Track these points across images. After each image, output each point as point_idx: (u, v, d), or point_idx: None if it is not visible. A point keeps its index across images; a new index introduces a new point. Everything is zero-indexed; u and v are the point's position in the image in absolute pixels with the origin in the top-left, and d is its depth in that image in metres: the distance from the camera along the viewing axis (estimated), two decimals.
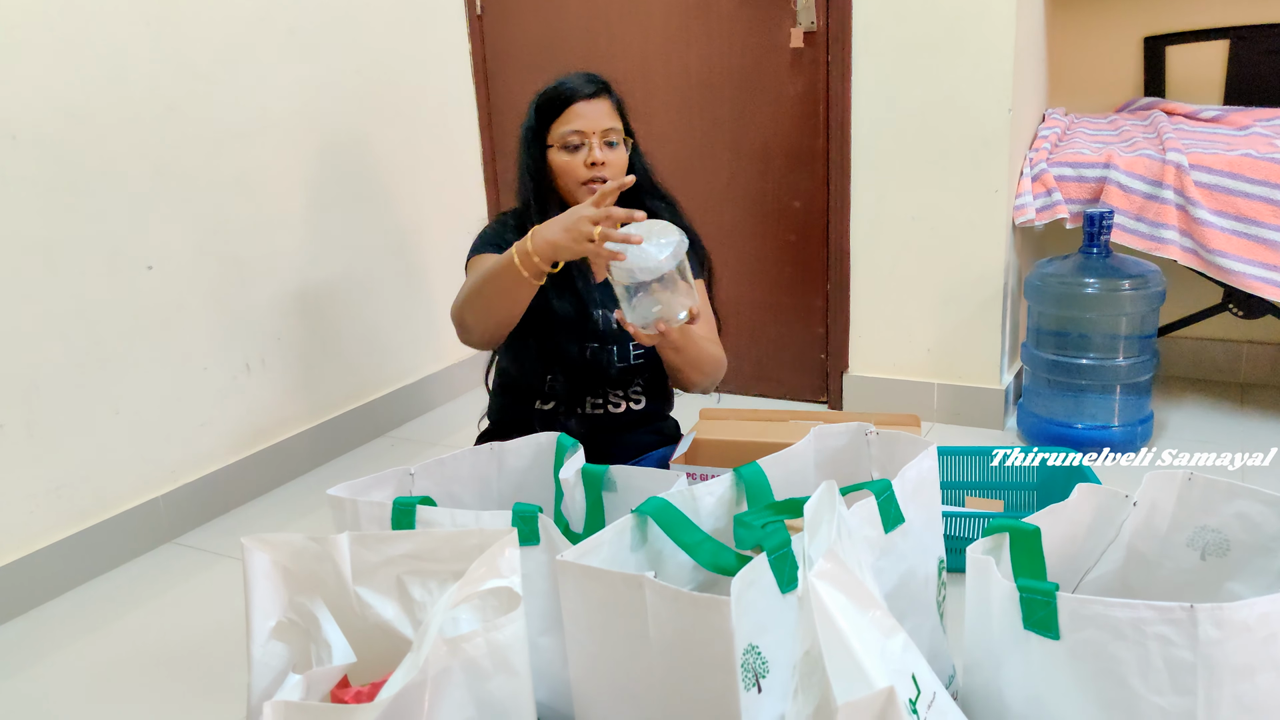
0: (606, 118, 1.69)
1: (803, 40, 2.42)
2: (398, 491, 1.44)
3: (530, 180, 1.73)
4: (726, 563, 1.15)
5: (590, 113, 1.68)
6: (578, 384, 1.75)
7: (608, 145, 1.69)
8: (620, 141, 1.71)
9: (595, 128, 1.68)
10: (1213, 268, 2.13)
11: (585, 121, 1.68)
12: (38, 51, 1.80)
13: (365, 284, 2.55)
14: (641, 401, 1.81)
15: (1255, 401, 2.51)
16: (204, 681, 1.60)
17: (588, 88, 1.69)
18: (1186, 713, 0.97)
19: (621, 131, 1.72)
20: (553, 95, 1.70)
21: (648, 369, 1.78)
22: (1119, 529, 1.26)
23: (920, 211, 2.37)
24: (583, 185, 1.68)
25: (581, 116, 1.68)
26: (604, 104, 1.70)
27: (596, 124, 1.68)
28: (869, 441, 1.45)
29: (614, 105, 1.72)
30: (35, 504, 1.87)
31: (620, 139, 1.71)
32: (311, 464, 2.42)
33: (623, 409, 1.80)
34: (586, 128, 1.67)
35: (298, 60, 2.31)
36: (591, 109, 1.68)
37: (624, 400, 1.80)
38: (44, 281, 1.84)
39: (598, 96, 1.69)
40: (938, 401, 2.47)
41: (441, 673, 0.99)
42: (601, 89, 1.71)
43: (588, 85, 1.69)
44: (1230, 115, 2.39)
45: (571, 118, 1.68)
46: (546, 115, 1.70)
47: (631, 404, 1.80)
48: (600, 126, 1.68)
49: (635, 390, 1.80)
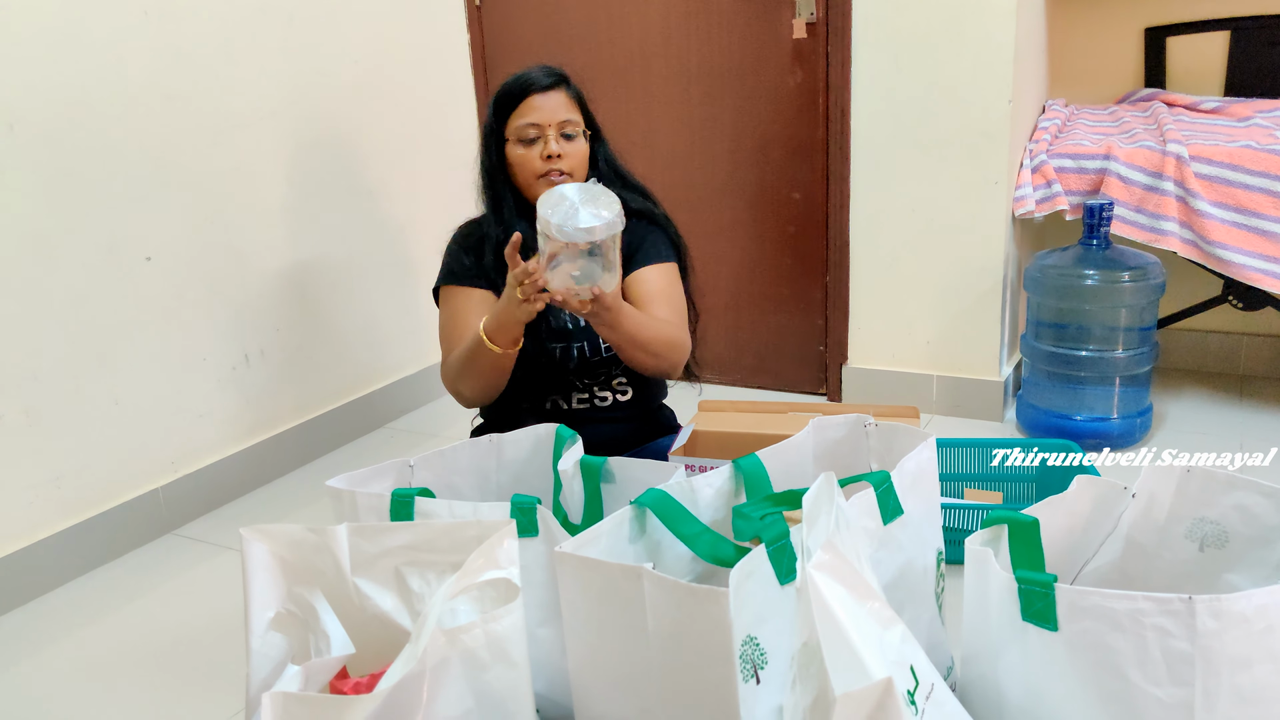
0: (563, 109, 1.68)
1: (804, 31, 2.41)
2: (397, 483, 1.44)
3: (487, 178, 1.74)
4: (725, 554, 1.15)
5: (546, 104, 1.67)
6: (543, 381, 1.75)
7: (564, 137, 1.68)
8: (579, 134, 1.70)
9: (551, 120, 1.67)
10: (1212, 259, 2.13)
11: (541, 114, 1.66)
12: (35, 41, 1.80)
13: (364, 275, 2.55)
14: (628, 393, 1.80)
15: (1255, 393, 2.51)
16: (203, 672, 1.60)
17: (544, 79, 1.68)
18: (1184, 704, 0.97)
19: (581, 124, 1.71)
20: (508, 89, 1.69)
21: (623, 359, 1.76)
22: (1117, 520, 1.26)
23: (920, 203, 2.37)
24: (539, 178, 1.67)
25: (537, 109, 1.66)
26: (560, 95, 1.69)
27: (553, 116, 1.67)
28: (868, 433, 1.45)
29: (572, 97, 1.71)
30: (34, 495, 1.87)
31: (579, 131, 1.70)
32: (310, 455, 2.43)
33: (609, 401, 1.79)
34: (542, 120, 1.66)
35: (296, 51, 2.30)
36: (548, 101, 1.67)
37: (610, 393, 1.79)
38: (42, 272, 1.84)
39: (554, 88, 1.68)
40: (937, 393, 2.47)
41: (440, 664, 0.99)
42: (558, 80, 1.69)
43: (544, 77, 1.68)
44: (1231, 106, 2.38)
45: (527, 110, 1.67)
46: (503, 109, 1.69)
47: (618, 396, 1.80)
48: (556, 119, 1.67)
49: (619, 383, 1.80)
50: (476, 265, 1.74)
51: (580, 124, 1.71)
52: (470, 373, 1.62)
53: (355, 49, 2.46)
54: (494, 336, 1.55)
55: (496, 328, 1.55)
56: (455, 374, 1.66)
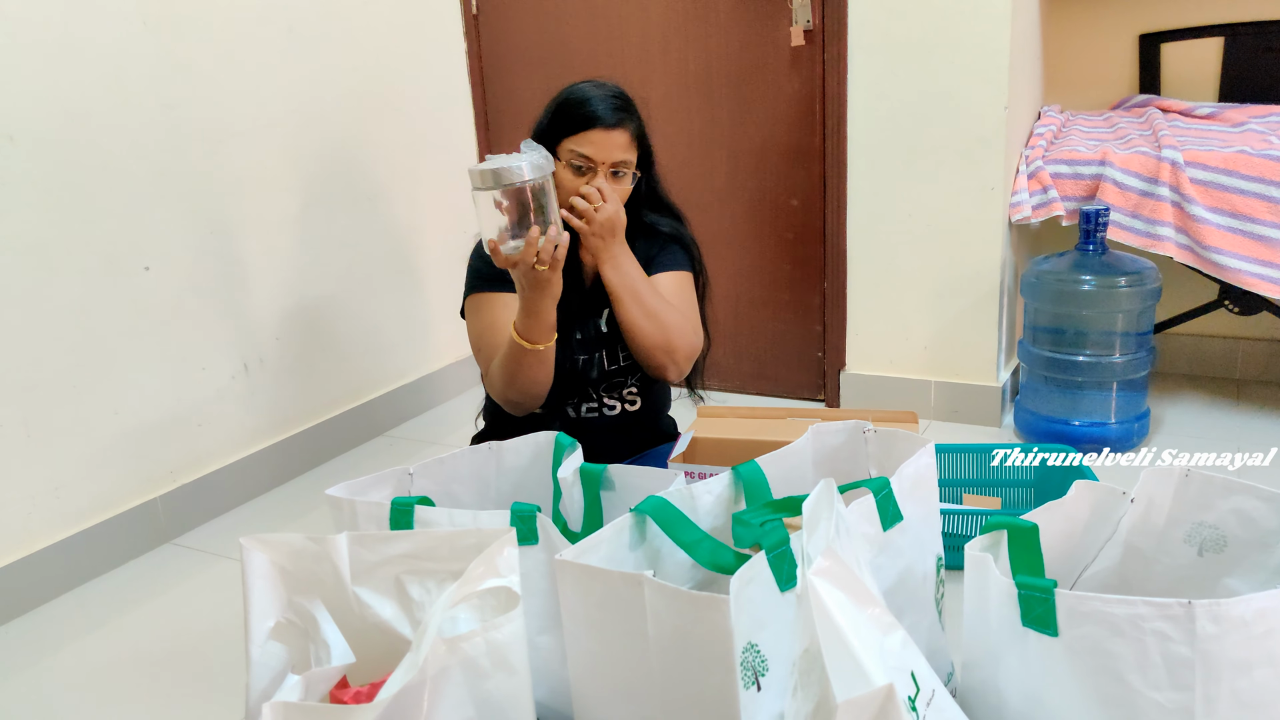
0: (620, 150, 1.65)
1: (801, 38, 2.42)
2: (397, 491, 1.44)
3: None
4: (725, 561, 1.15)
5: (606, 143, 1.64)
6: (564, 387, 1.74)
7: (613, 175, 1.66)
8: (628, 175, 1.68)
9: (607, 158, 1.64)
10: (1209, 264, 2.13)
11: (598, 150, 1.64)
12: (36, 51, 1.80)
13: (363, 284, 2.55)
14: (637, 403, 1.81)
15: (1251, 398, 2.52)
16: (202, 682, 1.60)
17: (611, 117, 1.64)
18: (1184, 708, 0.97)
19: (632, 164, 1.68)
20: (574, 111, 1.64)
21: (639, 369, 1.78)
22: (1116, 525, 1.26)
23: (917, 209, 2.37)
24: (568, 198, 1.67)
25: (595, 144, 1.63)
26: (622, 135, 1.65)
27: (609, 155, 1.64)
28: (867, 439, 1.45)
29: (633, 136, 1.67)
30: (33, 505, 1.86)
31: (629, 172, 1.68)
32: (310, 464, 2.42)
33: (618, 410, 1.80)
34: (598, 156, 1.64)
35: (295, 60, 2.30)
36: (609, 139, 1.64)
37: (619, 402, 1.80)
38: (42, 282, 1.84)
39: (618, 127, 1.64)
40: (935, 399, 2.47)
41: (440, 672, 0.99)
42: (624, 119, 1.66)
43: (611, 115, 1.64)
44: (1225, 112, 2.39)
45: (585, 142, 1.63)
46: (562, 126, 1.66)
47: (626, 405, 1.80)
48: (612, 158, 1.64)
49: (630, 392, 1.80)
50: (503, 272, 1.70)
51: (632, 164, 1.68)
52: (517, 378, 1.60)
53: (354, 58, 2.46)
54: (528, 333, 1.54)
55: (527, 323, 1.53)
56: (502, 384, 1.62)
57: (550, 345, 1.58)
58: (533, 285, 1.51)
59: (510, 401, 1.65)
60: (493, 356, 1.66)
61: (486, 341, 1.69)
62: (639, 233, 1.78)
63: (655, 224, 1.78)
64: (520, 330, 1.55)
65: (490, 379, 1.66)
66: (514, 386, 1.62)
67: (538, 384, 1.62)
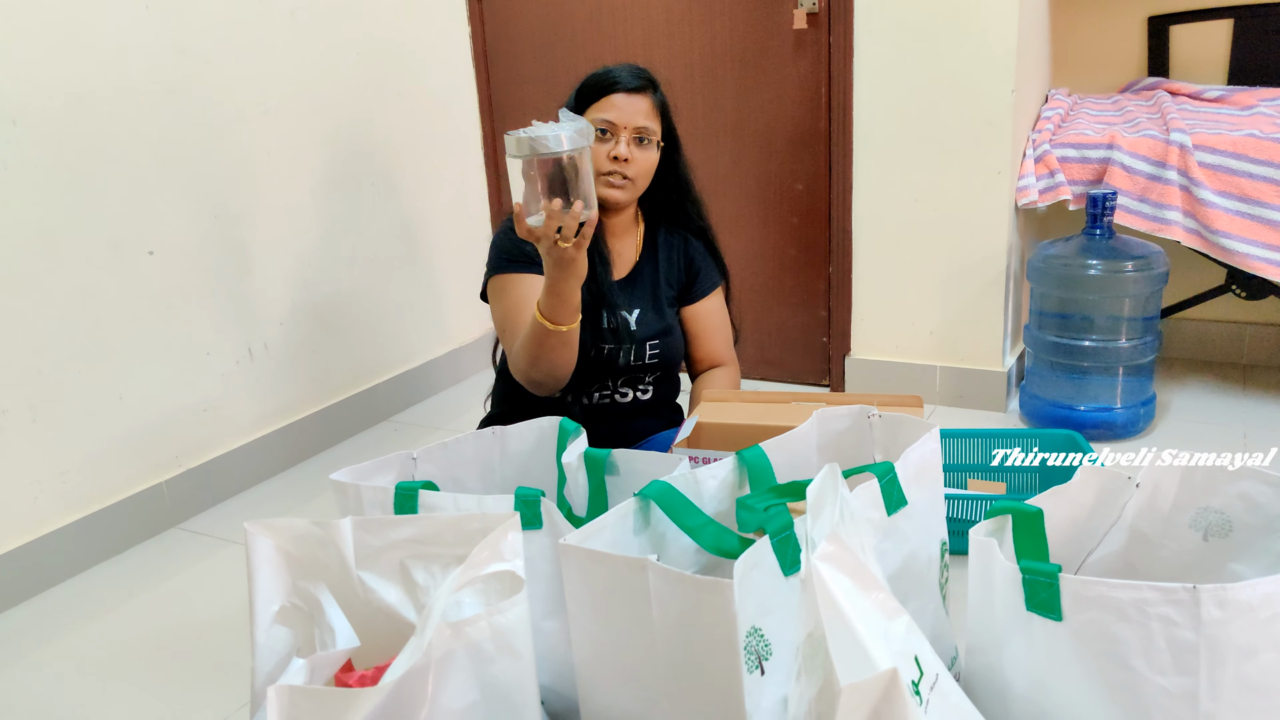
0: (643, 115, 1.65)
1: (805, 22, 2.41)
2: (400, 476, 1.44)
3: None
4: (729, 546, 1.15)
5: (627, 106, 1.64)
6: (585, 376, 1.74)
7: (637, 141, 1.65)
8: (653, 143, 1.67)
9: (629, 122, 1.64)
10: (1216, 249, 2.12)
11: (619, 114, 1.64)
12: (38, 36, 1.79)
13: (367, 268, 2.55)
14: (649, 392, 1.82)
15: (1258, 383, 2.51)
16: (208, 666, 1.60)
17: (632, 81, 1.65)
18: (1189, 693, 0.97)
19: (657, 133, 1.68)
20: (594, 81, 1.67)
21: (660, 367, 1.78)
22: (1121, 510, 1.26)
23: (923, 193, 2.36)
24: (599, 175, 1.65)
25: (617, 108, 1.64)
26: (644, 101, 1.66)
27: (631, 119, 1.64)
28: (871, 424, 1.44)
29: (656, 104, 1.68)
30: (40, 490, 1.87)
31: (653, 139, 1.67)
32: (315, 449, 2.43)
33: (629, 399, 1.80)
34: (619, 120, 1.64)
35: (299, 45, 2.30)
36: (630, 103, 1.64)
37: (631, 391, 1.80)
38: (46, 267, 1.84)
39: (640, 92, 1.65)
40: (940, 384, 2.47)
41: (445, 656, 0.99)
42: (645, 84, 1.67)
43: (632, 79, 1.65)
44: (1234, 95, 2.38)
45: (607, 106, 1.64)
46: (585, 99, 1.67)
47: (639, 394, 1.80)
48: (634, 122, 1.64)
49: (644, 384, 1.80)
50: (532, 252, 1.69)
51: (657, 133, 1.68)
52: (540, 359, 1.57)
53: (357, 43, 2.45)
54: (551, 313, 1.51)
55: (551, 302, 1.50)
56: (526, 364, 1.60)
57: (574, 328, 1.54)
58: (556, 262, 1.46)
59: (534, 382, 1.62)
60: (515, 337, 1.64)
61: (511, 322, 1.66)
62: (674, 230, 1.81)
63: (691, 217, 1.81)
64: (544, 310, 1.52)
65: (514, 359, 1.63)
66: (537, 367, 1.59)
67: (562, 365, 1.59)
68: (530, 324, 1.56)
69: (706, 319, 1.82)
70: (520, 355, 1.61)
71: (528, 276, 1.67)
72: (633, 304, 1.75)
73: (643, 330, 1.75)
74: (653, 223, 1.81)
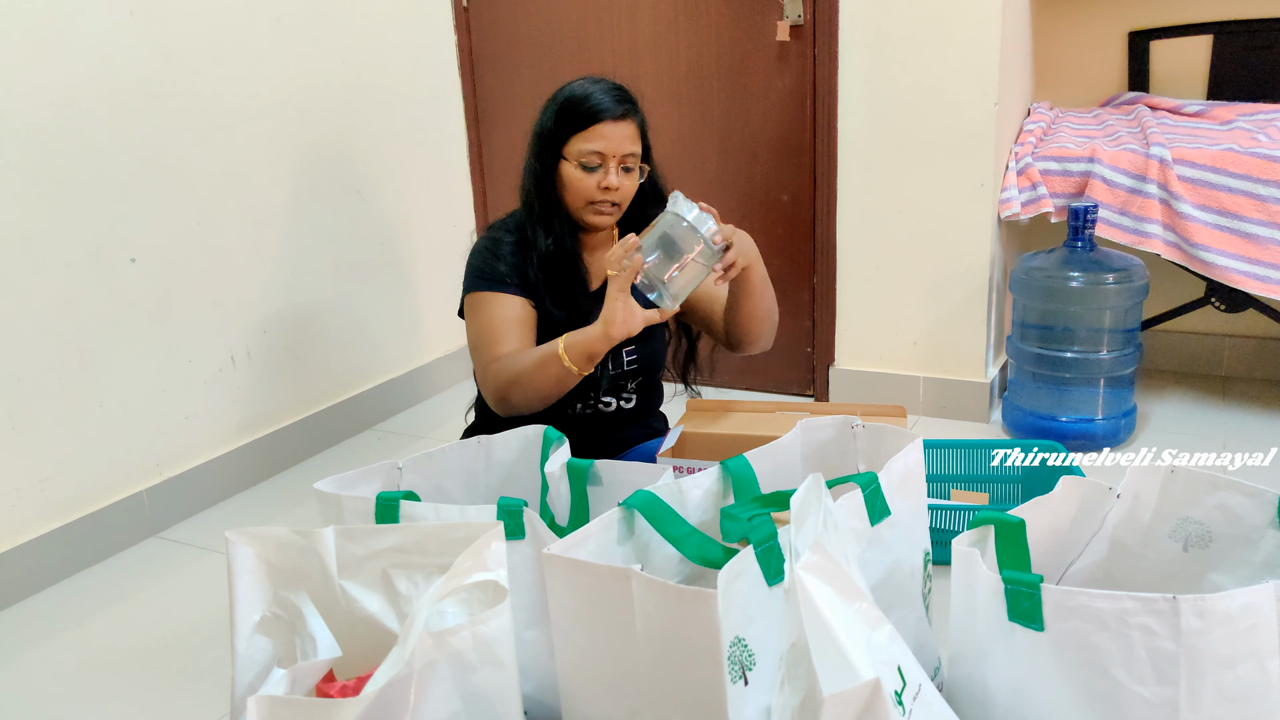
0: (629, 141, 1.63)
1: (789, 34, 2.42)
2: (385, 485, 1.43)
3: (536, 185, 1.68)
4: (713, 555, 1.15)
5: (614, 135, 1.61)
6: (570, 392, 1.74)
7: (624, 170, 1.64)
8: (637, 167, 1.67)
9: (617, 151, 1.62)
10: (1196, 262, 2.14)
11: (608, 144, 1.61)
12: (21, 41, 1.78)
13: (351, 277, 2.54)
14: (632, 400, 1.81)
15: (1237, 395, 2.53)
16: (188, 676, 1.59)
17: (617, 109, 1.62)
18: (1169, 703, 0.98)
19: (639, 157, 1.67)
20: (578, 107, 1.62)
21: (641, 373, 1.78)
22: (1103, 521, 1.27)
23: (906, 205, 2.38)
24: (588, 204, 1.65)
25: (605, 138, 1.61)
26: (629, 127, 1.63)
27: (618, 148, 1.62)
28: (855, 434, 1.45)
29: (638, 127, 1.66)
30: (19, 498, 1.85)
31: (637, 164, 1.67)
32: (297, 457, 2.42)
33: (613, 408, 1.79)
34: (608, 150, 1.61)
35: (284, 51, 2.29)
36: (616, 131, 1.62)
37: (615, 400, 1.80)
38: (27, 273, 1.83)
39: (625, 118, 1.63)
40: (923, 394, 2.48)
41: (427, 666, 0.99)
42: (629, 110, 1.64)
43: (617, 106, 1.62)
44: (1213, 110, 2.40)
45: (594, 137, 1.61)
46: (567, 126, 1.63)
47: (622, 403, 1.80)
48: (622, 151, 1.62)
49: (627, 392, 1.80)
50: (515, 273, 1.68)
51: (639, 157, 1.67)
52: (532, 386, 1.56)
53: (343, 50, 2.45)
54: (577, 357, 1.52)
55: (585, 349, 1.51)
56: (507, 383, 1.58)
57: (584, 374, 1.55)
58: (614, 313, 1.48)
59: (507, 401, 1.61)
60: (491, 355, 1.63)
61: (490, 340, 1.64)
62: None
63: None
64: (571, 351, 1.52)
65: (492, 378, 1.61)
66: (519, 390, 1.57)
67: (546, 399, 1.59)
68: (543, 353, 1.55)
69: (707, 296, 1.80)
70: (506, 375, 1.59)
71: (501, 296, 1.67)
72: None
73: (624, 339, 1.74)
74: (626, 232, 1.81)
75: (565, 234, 1.68)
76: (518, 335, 1.64)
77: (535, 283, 1.68)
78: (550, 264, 1.67)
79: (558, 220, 1.67)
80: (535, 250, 1.67)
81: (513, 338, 1.63)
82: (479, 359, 1.66)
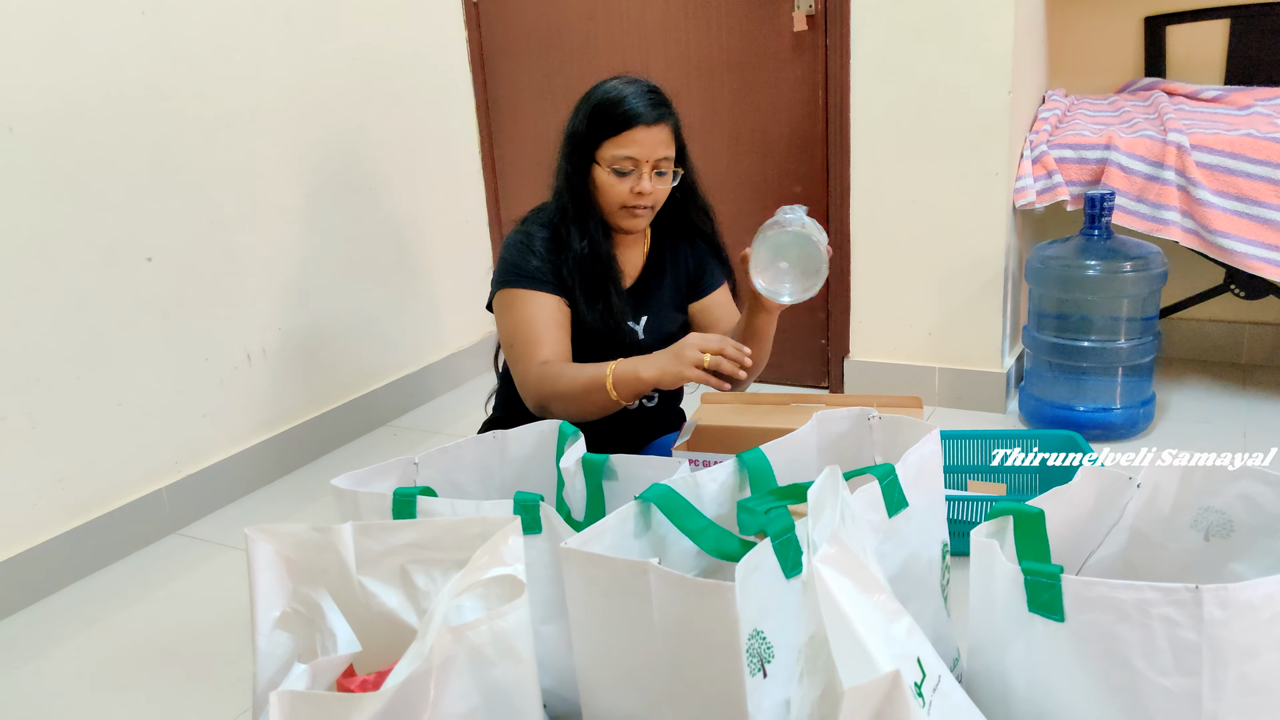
0: (663, 146, 1.62)
1: (803, 24, 2.41)
2: (401, 480, 1.44)
3: (569, 189, 1.67)
4: (730, 548, 1.15)
5: (649, 140, 1.60)
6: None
7: (657, 174, 1.64)
8: (670, 170, 1.66)
9: (650, 156, 1.61)
10: (1214, 248, 2.12)
11: (642, 149, 1.60)
12: (33, 42, 1.79)
13: (364, 273, 2.55)
14: (654, 399, 1.82)
15: (1257, 382, 2.51)
16: (209, 672, 1.60)
17: (650, 114, 1.60)
18: (1192, 693, 0.97)
19: (673, 160, 1.66)
20: (611, 112, 1.60)
21: None
22: (1122, 511, 1.26)
23: (920, 195, 2.36)
24: (621, 209, 1.64)
25: (639, 143, 1.59)
26: (663, 131, 1.62)
27: (652, 153, 1.61)
28: (871, 426, 1.44)
29: (672, 129, 1.65)
30: (38, 497, 1.87)
31: (670, 168, 1.66)
32: (314, 454, 2.43)
33: (636, 406, 1.79)
34: (641, 156, 1.60)
35: (294, 49, 2.30)
36: (650, 136, 1.60)
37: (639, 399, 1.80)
38: (43, 274, 1.84)
39: (659, 123, 1.61)
40: (939, 385, 2.47)
41: (446, 661, 0.99)
42: (664, 114, 1.62)
43: (651, 110, 1.60)
44: (1231, 95, 2.38)
45: (628, 142, 1.59)
46: (601, 129, 1.61)
47: (645, 402, 1.81)
48: (655, 155, 1.61)
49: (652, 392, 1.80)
50: (550, 270, 1.67)
51: (673, 160, 1.66)
52: (576, 407, 1.57)
53: (353, 47, 2.45)
54: (626, 393, 1.53)
55: (633, 387, 1.53)
56: (550, 395, 1.59)
57: (624, 404, 1.57)
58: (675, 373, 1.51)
59: (546, 411, 1.61)
60: (531, 358, 1.62)
61: (527, 338, 1.64)
62: (681, 236, 1.80)
63: (695, 224, 1.80)
64: (620, 384, 1.53)
65: (534, 385, 1.61)
66: (561, 404, 1.58)
67: (583, 416, 1.59)
68: (591, 377, 1.55)
69: (716, 310, 1.82)
70: (549, 385, 1.59)
71: (535, 294, 1.66)
72: (639, 312, 1.76)
73: (650, 338, 1.75)
74: (659, 229, 1.81)
75: (599, 235, 1.67)
76: (555, 337, 1.64)
77: (569, 281, 1.68)
78: (585, 266, 1.67)
79: (592, 222, 1.67)
80: (570, 250, 1.67)
81: (550, 339, 1.63)
82: (517, 360, 1.66)
